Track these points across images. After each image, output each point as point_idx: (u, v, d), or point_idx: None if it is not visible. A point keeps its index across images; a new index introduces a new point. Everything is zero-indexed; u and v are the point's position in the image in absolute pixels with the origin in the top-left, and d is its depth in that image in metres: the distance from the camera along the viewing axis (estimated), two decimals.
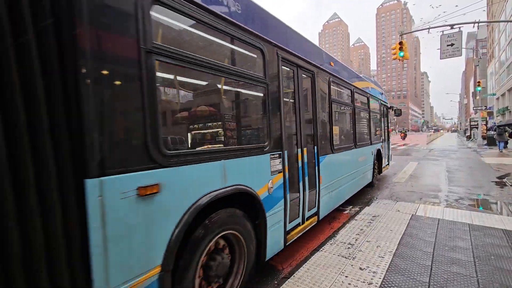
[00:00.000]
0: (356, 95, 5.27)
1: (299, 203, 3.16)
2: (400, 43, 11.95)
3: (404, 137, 32.90)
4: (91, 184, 1.25)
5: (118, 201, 1.36)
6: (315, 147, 3.56)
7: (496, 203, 5.15)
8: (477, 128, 24.41)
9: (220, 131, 2.48)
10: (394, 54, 12.08)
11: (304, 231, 3.26)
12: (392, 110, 8.70)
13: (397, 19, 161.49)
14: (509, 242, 3.19)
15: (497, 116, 36.23)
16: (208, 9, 1.96)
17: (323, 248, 3.12)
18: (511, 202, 5.12)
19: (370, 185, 6.44)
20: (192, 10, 1.84)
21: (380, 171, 7.27)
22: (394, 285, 2.37)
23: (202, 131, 2.33)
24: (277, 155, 2.69)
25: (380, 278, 2.47)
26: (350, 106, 5.04)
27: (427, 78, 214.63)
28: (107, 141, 1.34)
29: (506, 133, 15.24)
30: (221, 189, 2.00)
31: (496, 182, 7.02)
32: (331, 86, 4.11)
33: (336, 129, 4.27)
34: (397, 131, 55.83)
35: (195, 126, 2.27)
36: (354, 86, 5.15)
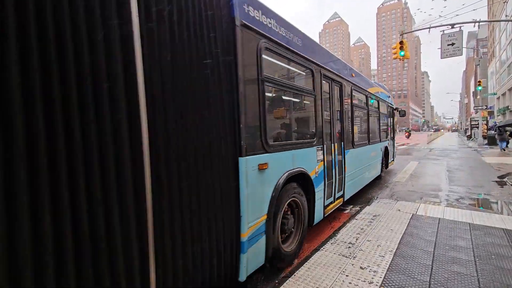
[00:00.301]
0: (370, 100, 6.18)
1: (332, 185, 4.05)
2: (401, 42, 11.93)
3: (408, 136, 34.91)
4: (242, 160, 2.20)
5: (251, 171, 2.29)
6: (342, 143, 4.41)
7: (496, 203, 5.15)
8: (477, 127, 24.39)
9: (291, 130, 3.46)
10: (395, 53, 12.07)
11: (334, 208, 4.12)
12: (397, 111, 9.57)
13: (397, 19, 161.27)
14: (510, 241, 3.19)
15: (497, 115, 36.17)
16: (287, 47, 2.92)
17: (323, 247, 3.13)
18: (511, 202, 5.12)
19: (378, 177, 7.20)
20: (280, 49, 2.81)
21: (386, 166, 8.10)
22: (395, 284, 2.37)
23: (282, 130, 3.27)
24: (320, 148, 3.58)
25: (380, 277, 2.48)
26: (365, 109, 5.89)
27: (427, 78, 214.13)
28: (248, 138, 2.28)
29: (507, 132, 15.27)
30: (292, 169, 2.87)
31: (496, 181, 7.02)
32: (353, 93, 4.98)
33: (356, 128, 5.14)
34: (397, 130, 56.10)
35: (279, 126, 3.23)
36: (368, 91, 6.00)
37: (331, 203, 4.01)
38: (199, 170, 1.86)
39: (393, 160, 9.14)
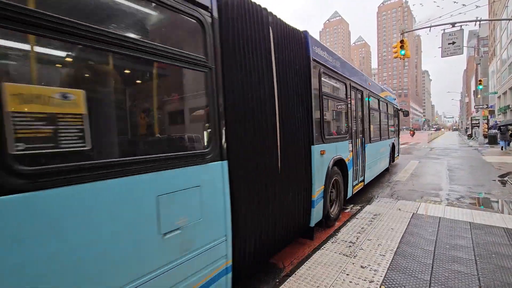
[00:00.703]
0: (381, 103, 7.37)
1: (357, 171, 5.22)
2: (401, 41, 11.90)
3: (413, 135, 37.83)
4: (313, 148, 3.32)
5: (317, 155, 3.42)
6: (363, 138, 5.59)
7: (497, 202, 5.15)
8: (478, 126, 24.36)
9: (333, 128, 4.72)
10: (395, 52, 12.04)
11: (358, 189, 5.34)
12: (401, 111, 10.79)
13: (398, 17, 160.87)
14: (510, 240, 3.19)
15: (498, 114, 36.07)
16: (332, 69, 4.07)
17: (324, 246, 3.13)
18: None
19: (386, 170, 8.43)
20: (329, 72, 3.97)
21: (393, 160, 9.36)
22: (395, 283, 2.38)
23: (329, 128, 4.48)
24: (350, 142, 4.74)
25: (381, 276, 2.48)
26: (377, 111, 7.05)
27: (428, 77, 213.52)
28: (315, 133, 3.38)
29: (509, 131, 15.37)
30: (335, 156, 4.02)
31: (497, 180, 7.02)
32: (369, 99, 6.21)
33: (371, 127, 6.33)
34: None
35: (328, 125, 4.30)
36: (380, 96, 7.25)
37: (356, 184, 5.22)
38: (296, 153, 3.02)
39: (398, 155, 10.46)
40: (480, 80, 22.18)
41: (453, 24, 12.76)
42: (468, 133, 31.97)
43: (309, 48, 3.37)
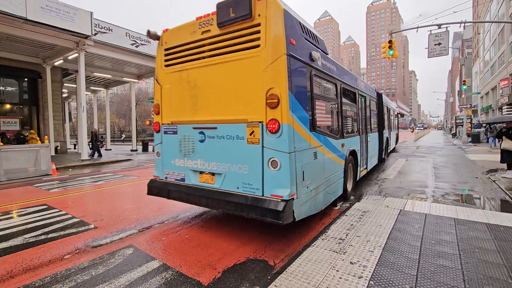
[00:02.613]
0: (393, 111, 13.19)
1: (388, 143, 11.20)
2: (390, 41, 12.13)
3: (413, 131, 46.26)
4: (384, 131, 9.85)
5: (384, 134, 9.90)
6: (389, 129, 11.49)
7: (479, 198, 5.33)
8: (462, 125, 25.14)
9: (390, 124, 12.53)
10: (384, 52, 12.26)
11: (392, 148, 13.82)
12: (400, 114, 16.97)
13: (386, 18, 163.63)
14: (492, 235, 3.31)
15: (481, 114, 37.34)
16: (386, 104, 11.15)
17: (314, 243, 3.17)
18: (493, 197, 5.32)
19: (394, 149, 15.44)
20: (387, 104, 11.50)
21: (396, 143, 16.45)
22: (384, 278, 2.43)
23: (385, 124, 10.68)
24: (388, 130, 11.11)
25: (370, 271, 2.53)
26: (392, 115, 12.68)
27: (415, 77, 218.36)
28: (384, 126, 10.17)
29: (497, 129, 16.29)
30: (386, 135, 10.79)
31: (479, 178, 7.27)
32: (393, 113, 13.38)
33: (389, 123, 11.73)
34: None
35: (385, 123, 10.69)
36: (393, 107, 12.98)
37: (389, 149, 11.80)
38: (381, 132, 9.35)
39: (398, 140, 17.59)
40: (464, 81, 22.84)
41: (439, 26, 13.09)
42: (452, 132, 32.95)
43: (382, 99, 9.22)
